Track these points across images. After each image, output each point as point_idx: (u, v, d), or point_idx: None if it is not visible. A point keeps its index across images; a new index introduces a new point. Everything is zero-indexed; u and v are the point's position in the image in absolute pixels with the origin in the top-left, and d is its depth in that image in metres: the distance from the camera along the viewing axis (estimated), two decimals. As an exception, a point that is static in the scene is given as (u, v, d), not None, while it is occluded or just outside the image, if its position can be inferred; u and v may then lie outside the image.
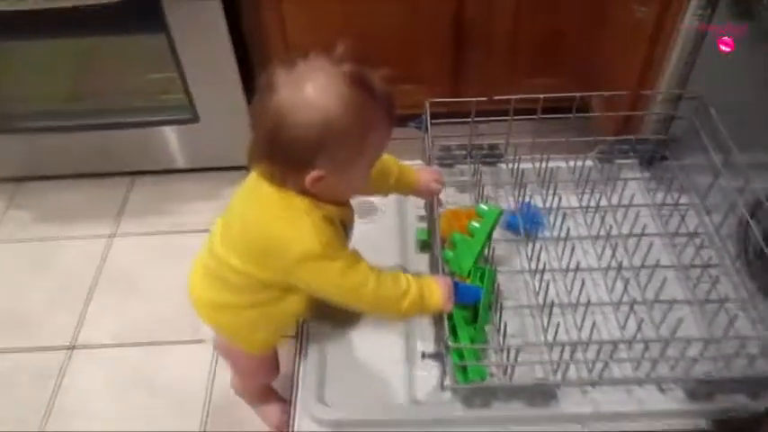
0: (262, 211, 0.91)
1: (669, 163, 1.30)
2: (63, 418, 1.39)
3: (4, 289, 1.65)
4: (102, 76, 1.79)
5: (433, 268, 1.10)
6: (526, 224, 1.16)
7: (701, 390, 0.94)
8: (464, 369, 0.93)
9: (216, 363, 1.47)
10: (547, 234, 1.17)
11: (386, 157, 1.02)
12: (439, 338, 1.00)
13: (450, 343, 0.87)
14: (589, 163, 1.22)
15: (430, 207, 1.11)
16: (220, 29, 1.60)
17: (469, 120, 1.16)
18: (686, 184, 1.20)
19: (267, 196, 0.88)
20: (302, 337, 1.09)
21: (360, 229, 1.03)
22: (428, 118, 1.12)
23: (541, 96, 1.10)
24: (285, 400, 1.24)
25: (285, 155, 0.83)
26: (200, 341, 1.50)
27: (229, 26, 1.61)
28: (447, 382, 0.94)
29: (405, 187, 1.09)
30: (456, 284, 0.97)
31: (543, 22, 1.71)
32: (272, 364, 1.21)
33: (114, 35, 1.65)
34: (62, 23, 1.55)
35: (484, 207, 1.08)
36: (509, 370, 0.94)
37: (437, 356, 0.93)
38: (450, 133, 1.24)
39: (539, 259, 1.10)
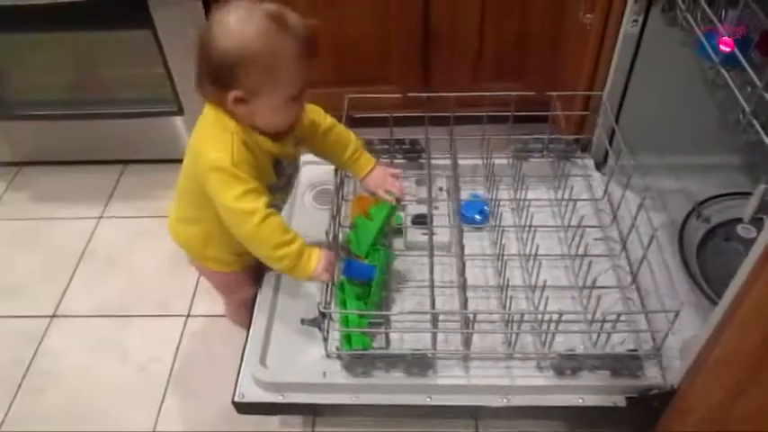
0: (199, 124, 1.13)
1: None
2: (39, 376, 1.63)
3: (-1, 262, 1.92)
4: (95, 69, 2.01)
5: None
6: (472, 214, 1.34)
7: (565, 365, 1.11)
8: (348, 338, 1.12)
9: (182, 337, 1.70)
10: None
11: (348, 132, 1.24)
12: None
13: (322, 309, 1.06)
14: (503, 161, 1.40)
15: (335, 190, 1.30)
16: (202, 25, 1.82)
17: (387, 114, 1.35)
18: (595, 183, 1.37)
19: (206, 113, 1.11)
20: (255, 302, 1.29)
21: (315, 214, 1.22)
22: (346, 112, 1.32)
23: (453, 95, 1.28)
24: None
25: (211, 75, 1.04)
26: (171, 316, 1.74)
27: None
28: (329, 348, 1.13)
29: (356, 170, 1.28)
30: (350, 262, 1.16)
31: (506, 28, 1.87)
32: (241, 282, 1.38)
33: (105, 30, 1.88)
34: (57, 18, 1.79)
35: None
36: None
37: (314, 322, 1.11)
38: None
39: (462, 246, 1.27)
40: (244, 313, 1.43)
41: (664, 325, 1.12)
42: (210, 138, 1.09)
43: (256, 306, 1.27)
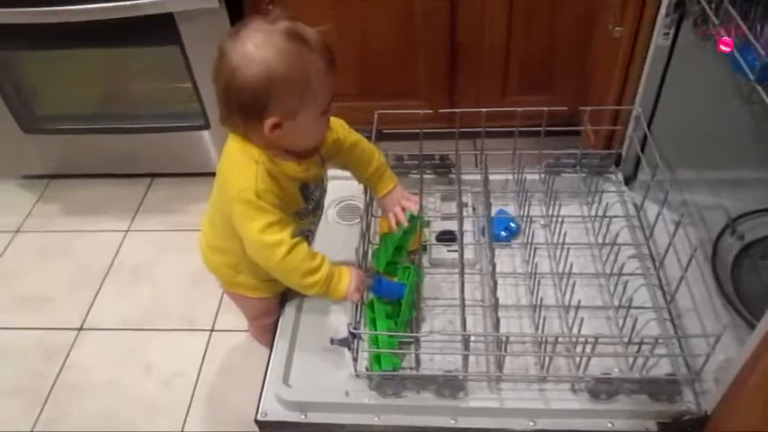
0: (225, 155, 1.09)
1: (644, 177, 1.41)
2: (65, 390, 1.60)
3: (29, 274, 1.89)
4: (124, 84, 2.01)
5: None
6: (490, 230, 1.29)
7: (601, 389, 1.05)
8: (378, 357, 1.07)
9: (206, 352, 1.66)
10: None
11: (372, 149, 1.20)
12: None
13: (352, 329, 1.02)
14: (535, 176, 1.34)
15: (365, 207, 1.26)
16: (218, 61, 1.80)
17: (417, 131, 1.31)
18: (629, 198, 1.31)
19: (231, 144, 1.07)
20: (279, 320, 1.26)
21: (339, 231, 1.19)
22: (375, 127, 1.27)
23: (483, 110, 1.23)
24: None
25: (241, 107, 0.99)
26: (195, 330, 1.70)
27: None
28: (359, 368, 1.08)
29: (377, 187, 1.24)
30: (379, 280, 1.11)
31: (534, 41, 1.82)
32: (271, 308, 1.34)
33: (133, 46, 1.87)
34: (87, 35, 1.77)
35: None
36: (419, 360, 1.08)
37: (344, 342, 1.06)
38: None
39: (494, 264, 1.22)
40: (268, 335, 1.40)
41: (701, 347, 1.05)
42: (236, 169, 1.05)
43: (279, 325, 1.24)
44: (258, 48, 0.94)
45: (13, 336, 1.73)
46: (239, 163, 1.04)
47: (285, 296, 1.30)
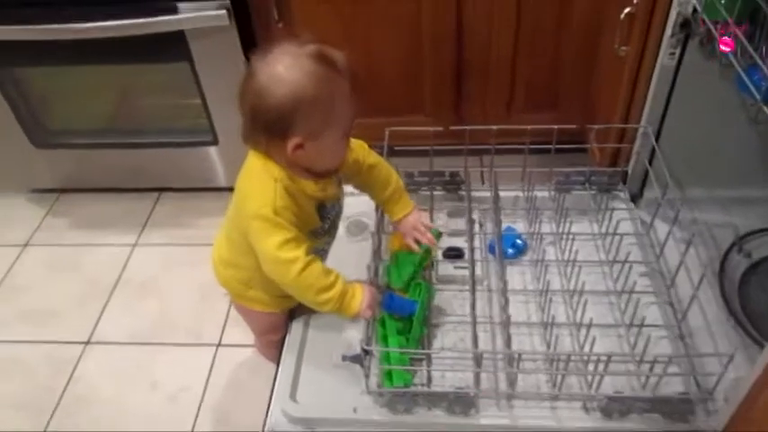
0: (244, 171, 1.09)
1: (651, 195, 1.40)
2: (72, 404, 1.59)
3: (37, 288, 1.88)
4: (134, 99, 2.01)
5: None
6: (500, 247, 1.28)
7: (614, 407, 1.04)
8: (390, 374, 1.06)
9: (212, 366, 1.65)
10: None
11: (390, 171, 1.20)
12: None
13: (364, 346, 1.01)
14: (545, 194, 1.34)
15: (376, 224, 1.25)
16: (237, 57, 1.78)
17: (428, 148, 1.30)
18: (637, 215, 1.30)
19: (251, 161, 1.07)
20: (287, 336, 1.25)
21: (348, 247, 1.19)
22: (387, 143, 1.27)
23: (494, 128, 1.23)
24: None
25: (266, 127, 0.99)
26: (202, 344, 1.69)
27: (245, 49, 1.77)
28: (369, 385, 1.07)
29: (392, 211, 1.23)
30: (391, 296, 1.10)
31: (540, 59, 1.82)
32: (280, 324, 1.33)
33: (144, 63, 1.88)
34: (98, 51, 1.77)
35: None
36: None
37: (356, 359, 1.05)
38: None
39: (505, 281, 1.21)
40: (275, 350, 1.39)
41: (712, 366, 1.04)
42: (255, 185, 1.05)
43: (287, 340, 1.23)
44: (287, 69, 0.96)
45: (20, 349, 1.72)
46: (259, 180, 1.04)
47: (293, 312, 1.30)
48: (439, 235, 1.20)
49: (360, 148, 1.17)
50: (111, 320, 1.78)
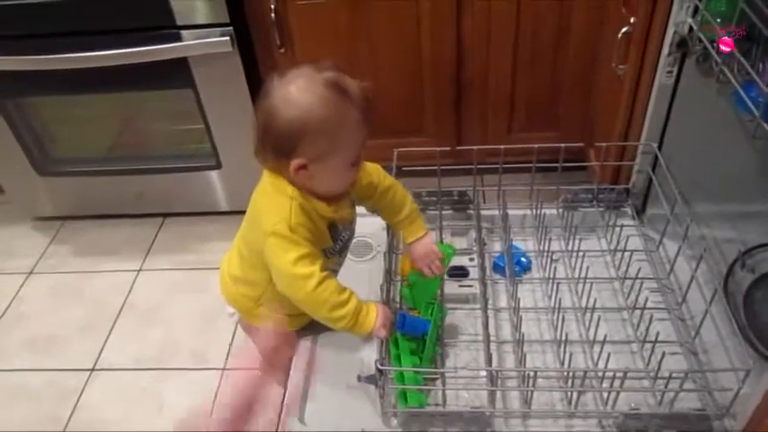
0: (259, 189, 1.07)
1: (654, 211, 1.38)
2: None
3: (42, 314, 1.84)
4: (137, 126, 1.99)
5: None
6: (510, 266, 1.26)
7: (630, 424, 1.00)
8: (404, 394, 1.02)
9: (218, 390, 1.60)
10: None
11: (405, 195, 1.18)
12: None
13: (379, 366, 0.98)
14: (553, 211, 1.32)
15: (388, 245, 1.22)
16: (240, 82, 1.78)
17: (436, 167, 1.28)
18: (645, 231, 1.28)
19: (265, 179, 1.06)
20: (294, 357, 1.21)
21: (355, 267, 1.17)
22: (395, 164, 1.25)
23: (502, 147, 1.21)
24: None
25: (274, 144, 0.98)
26: (207, 369, 1.65)
27: (247, 74, 1.77)
28: (385, 406, 1.03)
29: (405, 234, 1.19)
30: (404, 317, 1.07)
31: (538, 78, 1.81)
32: (288, 343, 1.28)
33: (147, 90, 1.87)
34: (102, 79, 1.76)
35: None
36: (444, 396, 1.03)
37: (371, 379, 1.02)
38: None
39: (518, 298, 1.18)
40: (282, 373, 1.35)
41: (726, 381, 1.01)
42: (270, 203, 1.04)
43: (294, 361, 1.19)
44: (299, 91, 0.95)
45: (25, 378, 1.68)
46: (273, 198, 1.03)
47: (300, 333, 1.26)
48: (453, 252, 1.17)
49: (375, 172, 1.15)
50: (117, 346, 1.74)
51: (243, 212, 2.20)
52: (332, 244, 1.09)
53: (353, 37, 1.76)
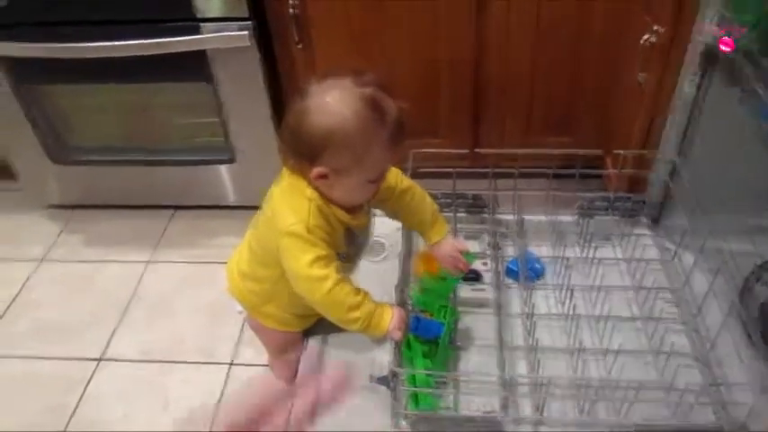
0: (278, 189, 1.07)
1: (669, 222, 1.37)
2: (82, 423, 1.54)
3: (52, 303, 1.84)
4: (154, 117, 1.97)
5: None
6: (525, 271, 1.25)
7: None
8: (415, 396, 1.02)
9: (225, 385, 1.60)
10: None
11: (424, 196, 1.17)
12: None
13: (393, 368, 0.97)
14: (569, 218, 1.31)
15: (403, 246, 1.21)
16: (258, 77, 1.76)
17: (452, 170, 1.27)
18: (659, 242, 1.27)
19: (285, 179, 1.05)
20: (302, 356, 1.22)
21: (365, 266, 1.16)
22: (411, 165, 1.24)
23: (519, 152, 1.20)
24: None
25: (299, 148, 0.98)
26: (214, 363, 1.65)
27: (265, 69, 1.77)
28: (396, 408, 1.03)
29: (428, 235, 1.20)
30: (418, 319, 1.07)
31: (557, 83, 1.79)
32: (295, 343, 1.30)
33: (167, 82, 1.86)
34: (123, 71, 1.76)
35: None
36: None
37: (383, 381, 1.01)
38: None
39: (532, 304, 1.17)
40: (289, 372, 1.35)
41: (741, 394, 1.00)
42: (289, 203, 1.03)
43: (302, 360, 1.18)
44: (334, 101, 0.94)
45: (32, 366, 1.67)
46: (291, 198, 1.03)
47: (308, 331, 1.26)
48: (474, 258, 1.17)
49: (393, 175, 1.14)
50: (124, 338, 1.74)
51: (254, 208, 2.20)
52: (345, 249, 1.09)
53: (370, 34, 1.74)
